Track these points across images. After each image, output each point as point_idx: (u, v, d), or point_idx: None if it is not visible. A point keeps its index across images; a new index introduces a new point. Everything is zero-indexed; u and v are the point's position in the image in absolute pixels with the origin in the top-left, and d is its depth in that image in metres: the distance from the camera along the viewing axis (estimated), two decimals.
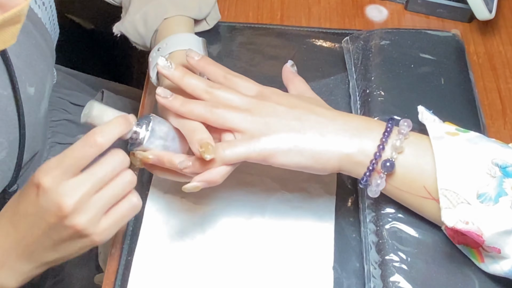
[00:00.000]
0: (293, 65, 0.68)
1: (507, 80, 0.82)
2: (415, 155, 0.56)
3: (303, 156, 0.56)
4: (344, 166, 0.57)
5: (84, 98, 0.96)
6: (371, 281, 0.59)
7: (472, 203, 0.52)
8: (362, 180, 0.57)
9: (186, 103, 0.57)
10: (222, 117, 0.56)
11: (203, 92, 0.58)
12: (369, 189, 0.58)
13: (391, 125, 0.57)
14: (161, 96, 0.57)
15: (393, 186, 0.57)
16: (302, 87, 0.65)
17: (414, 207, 0.58)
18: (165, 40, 0.72)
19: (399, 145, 0.55)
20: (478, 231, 0.52)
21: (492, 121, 0.77)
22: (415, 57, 0.73)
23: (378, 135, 0.56)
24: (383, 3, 0.91)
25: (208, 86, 0.58)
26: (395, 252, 0.58)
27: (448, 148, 0.55)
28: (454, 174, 0.53)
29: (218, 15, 0.83)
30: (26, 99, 0.67)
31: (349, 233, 0.66)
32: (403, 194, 0.58)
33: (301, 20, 0.88)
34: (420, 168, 0.55)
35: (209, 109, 0.57)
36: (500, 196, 0.52)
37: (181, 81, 0.58)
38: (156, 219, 0.67)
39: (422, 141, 0.57)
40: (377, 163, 0.56)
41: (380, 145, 0.55)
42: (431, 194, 0.55)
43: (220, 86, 0.59)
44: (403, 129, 0.56)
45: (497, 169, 0.53)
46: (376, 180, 0.56)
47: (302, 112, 0.57)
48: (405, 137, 0.56)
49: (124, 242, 0.66)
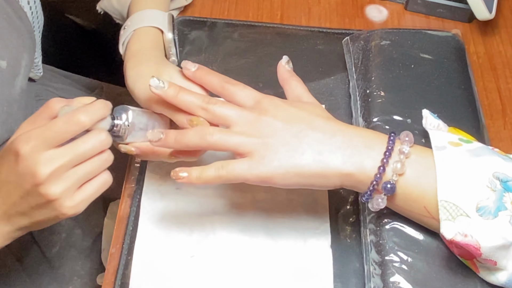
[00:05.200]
0: (289, 62, 0.65)
1: (507, 80, 0.82)
2: (416, 176, 0.55)
3: (302, 177, 0.56)
4: (345, 184, 0.57)
5: (76, 94, 0.96)
6: (371, 281, 0.59)
7: (472, 216, 0.52)
8: (363, 198, 0.57)
9: (180, 135, 0.57)
10: (220, 143, 0.56)
11: (199, 109, 0.58)
12: (370, 206, 0.58)
13: (392, 142, 0.56)
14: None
15: (394, 204, 0.57)
16: (299, 90, 0.63)
17: (416, 221, 0.58)
18: (130, 17, 0.73)
19: (400, 168, 0.54)
20: (476, 245, 0.52)
21: (492, 121, 0.77)
22: (415, 57, 0.73)
23: (378, 155, 0.55)
24: (383, 3, 0.91)
25: (204, 102, 0.58)
26: (395, 253, 0.58)
27: (450, 159, 0.54)
28: (454, 186, 0.53)
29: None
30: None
31: (349, 233, 0.66)
32: (403, 211, 0.58)
33: (301, 20, 0.88)
34: (421, 189, 0.55)
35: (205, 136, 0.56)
36: (500, 210, 0.52)
37: (175, 99, 0.58)
38: (152, 217, 0.67)
39: (423, 159, 0.55)
40: (377, 184, 0.55)
41: (381, 167, 0.54)
42: (431, 214, 0.55)
43: (216, 101, 0.58)
44: (404, 148, 0.55)
45: (498, 182, 0.53)
46: (377, 199, 0.56)
47: (299, 128, 0.56)
48: (407, 156, 0.55)
49: (124, 242, 0.66)
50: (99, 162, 0.56)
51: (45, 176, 0.53)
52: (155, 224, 0.67)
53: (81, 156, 0.54)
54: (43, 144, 0.53)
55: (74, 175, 0.54)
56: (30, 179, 0.53)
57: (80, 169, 0.55)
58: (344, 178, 0.56)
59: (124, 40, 0.72)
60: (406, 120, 0.67)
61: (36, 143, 0.53)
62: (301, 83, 0.63)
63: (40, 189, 0.53)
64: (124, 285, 0.63)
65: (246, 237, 0.65)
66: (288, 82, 0.63)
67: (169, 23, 0.73)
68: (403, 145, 0.55)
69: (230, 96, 0.60)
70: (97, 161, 0.55)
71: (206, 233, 0.66)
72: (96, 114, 0.55)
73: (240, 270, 0.63)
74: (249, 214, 0.67)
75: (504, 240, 0.51)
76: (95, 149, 0.55)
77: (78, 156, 0.54)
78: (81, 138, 0.54)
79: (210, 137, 0.56)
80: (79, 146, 0.54)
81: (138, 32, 0.71)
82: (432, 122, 0.63)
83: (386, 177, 0.55)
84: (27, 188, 0.54)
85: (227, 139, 0.56)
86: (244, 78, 0.78)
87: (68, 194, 0.55)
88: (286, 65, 0.64)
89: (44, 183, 0.53)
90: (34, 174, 0.53)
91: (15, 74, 0.72)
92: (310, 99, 0.62)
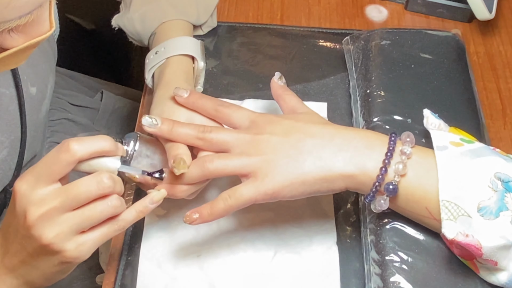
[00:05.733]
0: (281, 77, 0.65)
1: (507, 80, 0.82)
2: (418, 177, 0.55)
3: (307, 185, 0.56)
4: (349, 186, 0.57)
5: (83, 99, 0.96)
6: (371, 281, 0.59)
7: (473, 216, 0.52)
8: (366, 199, 0.57)
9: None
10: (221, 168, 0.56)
11: (195, 140, 0.58)
12: (373, 207, 0.58)
13: (393, 142, 0.55)
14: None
15: (396, 205, 0.57)
16: (292, 102, 0.63)
17: (417, 221, 0.58)
18: (163, 43, 0.71)
19: (401, 169, 0.54)
20: (478, 245, 0.52)
21: (492, 121, 0.77)
22: (416, 57, 0.73)
23: (380, 156, 0.55)
24: (383, 3, 0.91)
25: (199, 132, 0.58)
26: (395, 252, 0.58)
27: (451, 159, 0.54)
28: (456, 186, 0.53)
29: (215, 23, 0.83)
30: (28, 98, 0.67)
31: (349, 233, 0.66)
32: (405, 212, 0.58)
33: (301, 20, 0.88)
34: (423, 190, 0.55)
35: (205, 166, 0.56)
36: (501, 211, 0.52)
37: (170, 134, 0.58)
38: (157, 217, 0.67)
39: (425, 159, 0.55)
40: (380, 186, 0.55)
41: (383, 167, 0.54)
42: (432, 215, 0.55)
43: (211, 129, 0.58)
44: (406, 149, 0.55)
45: (499, 183, 0.53)
46: (380, 200, 0.56)
47: (297, 138, 0.56)
48: (408, 157, 0.55)
49: (124, 242, 0.66)
50: (101, 208, 0.52)
51: (35, 217, 0.50)
52: (160, 225, 0.66)
53: (75, 198, 0.51)
54: (38, 180, 0.51)
55: (71, 220, 0.51)
56: (22, 220, 0.51)
57: (79, 213, 0.52)
58: (348, 180, 0.56)
59: (154, 65, 0.71)
60: (406, 120, 0.67)
61: (30, 178, 0.51)
62: (295, 96, 0.64)
63: (32, 232, 0.51)
64: (124, 285, 0.63)
65: (251, 234, 0.65)
66: (282, 97, 0.64)
67: (201, 52, 0.73)
68: (405, 146, 0.55)
69: (225, 119, 0.60)
70: (99, 206, 0.52)
71: (213, 231, 0.66)
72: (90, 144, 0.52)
73: (247, 267, 0.63)
74: (254, 211, 0.67)
75: (505, 240, 0.51)
76: (90, 192, 0.51)
77: (71, 197, 0.51)
78: (77, 180, 0.52)
79: (211, 164, 0.56)
80: (73, 187, 0.51)
81: (172, 61, 0.70)
82: (433, 122, 0.63)
83: (388, 178, 0.55)
84: (22, 233, 0.52)
85: (228, 163, 0.56)
86: (244, 80, 0.79)
87: (63, 239, 0.51)
88: (279, 81, 0.65)
89: (34, 225, 0.51)
90: (25, 214, 0.51)
91: (42, 99, 0.72)
92: (305, 109, 0.62)
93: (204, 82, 0.77)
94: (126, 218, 0.55)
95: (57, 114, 0.90)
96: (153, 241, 0.65)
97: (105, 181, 0.52)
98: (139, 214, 0.56)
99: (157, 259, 0.64)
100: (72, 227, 0.52)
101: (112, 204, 0.53)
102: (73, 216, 0.52)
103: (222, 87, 0.78)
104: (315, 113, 0.61)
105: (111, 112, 0.98)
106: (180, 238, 0.65)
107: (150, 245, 0.65)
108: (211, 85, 0.78)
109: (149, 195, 0.57)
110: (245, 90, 0.77)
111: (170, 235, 0.66)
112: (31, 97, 0.68)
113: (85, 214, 0.52)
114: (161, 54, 0.71)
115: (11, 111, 0.65)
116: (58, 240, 0.51)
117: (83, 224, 0.52)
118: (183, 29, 0.75)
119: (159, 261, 0.64)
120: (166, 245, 0.65)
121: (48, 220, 0.51)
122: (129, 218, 0.55)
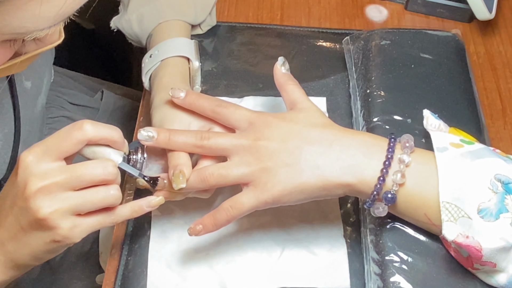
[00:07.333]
0: (285, 63, 0.63)
1: (507, 80, 0.82)
2: (417, 185, 0.55)
3: (305, 193, 0.56)
4: (348, 193, 0.57)
5: (82, 98, 0.96)
6: (371, 281, 0.59)
7: (473, 218, 0.52)
8: (365, 205, 0.57)
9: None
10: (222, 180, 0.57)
11: (194, 148, 0.58)
12: (372, 213, 0.58)
13: (391, 150, 0.55)
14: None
15: (395, 210, 0.57)
16: (295, 95, 0.61)
17: (416, 225, 0.58)
18: (156, 46, 0.71)
19: (400, 178, 0.54)
20: (478, 246, 0.52)
21: (492, 121, 0.77)
22: (415, 57, 0.73)
23: (378, 165, 0.55)
24: (383, 3, 0.91)
25: (197, 139, 0.58)
26: (395, 253, 0.58)
27: (451, 161, 0.54)
28: (456, 187, 0.53)
29: (214, 21, 0.83)
30: (23, 92, 0.67)
31: (349, 233, 0.66)
32: (404, 217, 0.58)
33: (301, 20, 0.88)
34: (422, 197, 0.55)
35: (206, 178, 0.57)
36: (501, 213, 0.52)
37: (168, 144, 0.58)
38: (162, 216, 0.67)
39: (424, 166, 0.55)
40: (378, 194, 0.55)
41: (381, 177, 0.54)
42: (431, 221, 0.55)
43: (208, 136, 0.58)
44: (405, 157, 0.55)
45: (499, 184, 0.53)
46: (378, 207, 0.56)
47: (295, 145, 0.56)
48: (407, 165, 0.55)
49: (124, 242, 0.66)
50: (103, 193, 0.53)
51: (36, 188, 0.50)
52: (167, 226, 0.66)
53: (79, 179, 0.51)
54: (45, 152, 0.51)
55: (72, 199, 0.51)
56: (22, 190, 0.51)
57: (80, 194, 0.52)
58: (346, 189, 0.56)
59: (149, 68, 0.71)
60: (406, 120, 0.67)
61: (37, 150, 0.51)
62: (298, 87, 0.62)
63: (30, 203, 0.50)
64: (124, 285, 0.63)
65: (258, 230, 0.65)
66: (284, 88, 0.62)
67: (196, 52, 0.72)
68: (403, 154, 0.55)
69: (223, 119, 0.60)
70: (101, 192, 0.53)
71: (220, 230, 0.65)
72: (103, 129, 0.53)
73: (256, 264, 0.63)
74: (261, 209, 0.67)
75: (505, 242, 0.51)
76: (95, 175, 0.52)
77: (75, 176, 0.51)
78: (83, 162, 0.52)
79: (211, 177, 0.57)
80: (78, 167, 0.52)
81: (167, 63, 0.69)
82: (433, 123, 0.62)
83: (387, 187, 0.55)
84: (19, 204, 0.51)
85: (227, 174, 0.57)
86: (244, 80, 0.79)
87: (60, 215, 0.51)
88: (282, 67, 0.63)
89: (33, 196, 0.50)
90: (26, 184, 0.50)
91: (38, 93, 0.72)
92: (307, 104, 0.60)
93: (204, 82, 0.77)
94: (120, 213, 0.56)
95: (56, 112, 0.90)
96: (160, 241, 0.65)
97: (111, 168, 0.53)
98: (133, 213, 0.57)
99: (166, 259, 0.64)
100: (71, 206, 0.52)
101: (113, 193, 0.53)
102: (74, 196, 0.52)
103: (222, 87, 0.78)
104: (316, 110, 0.60)
105: (111, 111, 0.98)
106: (187, 237, 0.65)
107: (158, 245, 0.65)
108: (211, 85, 0.78)
109: (147, 198, 0.57)
110: (245, 90, 0.77)
111: (178, 235, 0.65)
112: (25, 91, 0.68)
113: (86, 197, 0.52)
114: (155, 57, 0.70)
115: (4, 104, 0.65)
116: (55, 216, 0.51)
117: (82, 206, 0.52)
118: (180, 29, 0.75)
119: (168, 261, 0.64)
120: (174, 245, 0.65)
121: (49, 194, 0.51)
122: (124, 214, 0.56)
